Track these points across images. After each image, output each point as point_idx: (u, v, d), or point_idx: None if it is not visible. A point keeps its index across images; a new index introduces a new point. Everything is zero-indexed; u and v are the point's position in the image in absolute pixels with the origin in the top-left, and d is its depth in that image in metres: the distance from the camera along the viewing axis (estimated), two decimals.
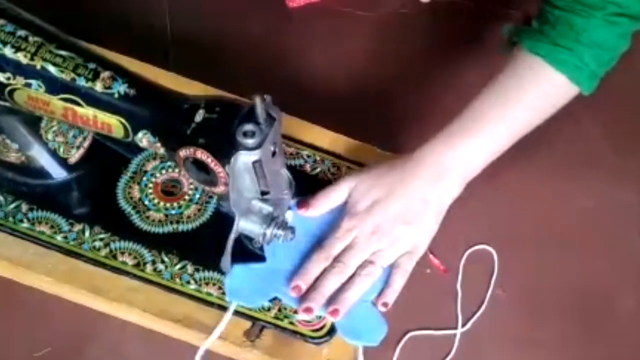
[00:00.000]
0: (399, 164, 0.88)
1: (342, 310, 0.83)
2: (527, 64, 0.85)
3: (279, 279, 0.86)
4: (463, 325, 0.92)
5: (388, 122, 1.06)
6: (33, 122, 0.88)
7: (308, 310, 0.82)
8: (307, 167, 0.97)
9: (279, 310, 0.86)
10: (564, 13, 0.83)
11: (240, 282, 0.85)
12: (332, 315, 0.82)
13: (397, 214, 0.86)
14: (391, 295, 0.85)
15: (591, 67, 0.83)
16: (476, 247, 0.97)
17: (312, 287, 0.84)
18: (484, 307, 0.93)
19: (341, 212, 0.88)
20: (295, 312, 0.86)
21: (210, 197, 0.93)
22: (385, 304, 0.84)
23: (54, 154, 0.91)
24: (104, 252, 0.89)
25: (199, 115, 0.77)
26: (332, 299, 0.84)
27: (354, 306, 0.84)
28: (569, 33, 0.82)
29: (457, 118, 0.87)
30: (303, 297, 0.83)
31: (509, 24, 0.91)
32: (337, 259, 0.85)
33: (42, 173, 0.92)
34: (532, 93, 0.85)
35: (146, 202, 0.92)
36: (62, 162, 0.92)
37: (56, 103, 0.78)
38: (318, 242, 0.87)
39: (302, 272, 0.85)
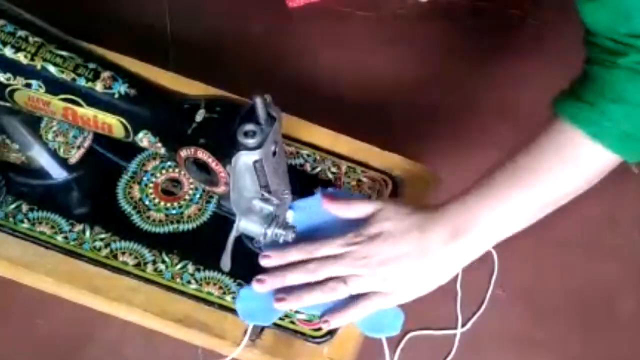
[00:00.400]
0: (426, 210, 0.83)
1: (288, 303, 0.82)
2: (562, 134, 0.76)
3: None
4: (463, 325, 0.92)
5: (388, 121, 1.06)
6: (33, 123, 0.88)
7: (260, 281, 0.82)
8: (307, 167, 0.97)
9: None
10: (590, 65, 0.74)
11: (250, 303, 0.84)
12: (277, 302, 0.82)
13: (399, 256, 0.81)
14: (337, 320, 0.82)
15: (621, 126, 0.72)
16: None
17: (279, 269, 0.83)
18: (484, 307, 0.93)
19: (345, 225, 0.86)
20: (297, 311, 0.86)
21: (211, 196, 0.93)
22: (325, 322, 0.82)
23: (54, 154, 0.91)
24: (104, 252, 0.89)
25: (200, 115, 0.77)
26: (288, 290, 0.82)
27: None
28: (591, 87, 0.73)
29: (480, 183, 0.80)
30: (267, 270, 0.83)
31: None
32: (317, 259, 0.83)
33: (42, 173, 0.92)
34: (563, 166, 0.76)
35: (146, 202, 0.92)
36: (63, 162, 0.92)
37: (56, 103, 0.78)
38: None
39: (280, 252, 0.83)
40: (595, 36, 0.74)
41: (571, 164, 0.76)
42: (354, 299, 0.82)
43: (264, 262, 0.84)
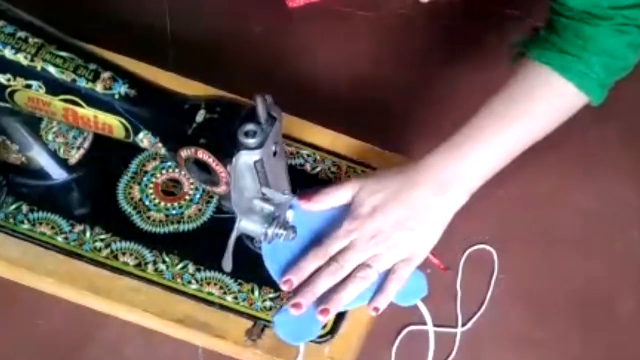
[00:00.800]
0: (405, 171, 0.87)
1: (332, 310, 0.82)
2: (535, 73, 0.84)
3: None
4: (463, 325, 0.92)
5: (388, 121, 1.06)
6: (33, 123, 0.88)
7: (297, 305, 0.82)
8: (308, 167, 0.97)
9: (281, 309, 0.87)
10: (572, 22, 0.82)
11: (289, 326, 0.84)
12: (321, 315, 0.82)
13: (398, 220, 0.85)
14: (383, 301, 0.84)
15: (600, 76, 0.82)
16: (476, 247, 0.97)
17: (305, 284, 0.84)
18: (484, 307, 0.93)
19: (344, 214, 0.88)
20: None
21: (211, 196, 0.93)
22: (376, 309, 0.84)
23: (54, 154, 0.91)
24: (104, 252, 0.89)
25: (200, 116, 0.77)
26: (323, 298, 0.83)
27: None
28: (576, 41, 0.82)
29: (464, 127, 0.86)
30: (294, 292, 0.83)
31: (519, 37, 0.90)
32: (333, 259, 0.85)
33: (42, 174, 0.92)
34: (540, 103, 0.84)
35: (147, 203, 0.92)
36: (63, 163, 0.92)
37: (57, 104, 0.78)
38: (318, 242, 0.87)
39: (296, 268, 0.84)
40: (572, 10, 0.82)
41: (549, 105, 0.85)
42: (384, 275, 0.85)
43: (286, 288, 0.84)
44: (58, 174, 0.92)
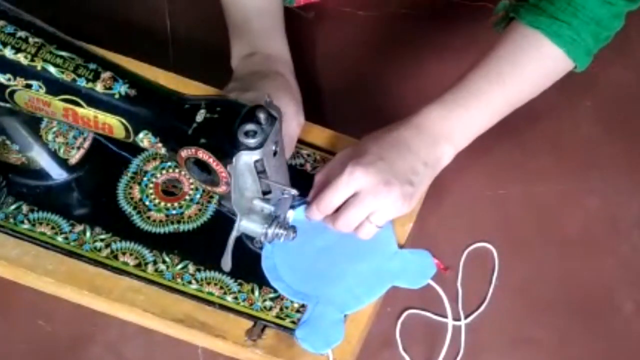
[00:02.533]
0: (398, 127, 0.88)
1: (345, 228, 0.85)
2: (525, 38, 0.87)
3: (319, 288, 0.87)
4: (465, 322, 0.92)
5: (388, 121, 1.05)
6: (33, 123, 0.88)
7: (311, 213, 0.86)
8: (308, 167, 0.97)
9: (281, 309, 0.87)
10: None
11: (312, 336, 0.84)
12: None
13: (402, 172, 0.85)
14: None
15: (588, 43, 0.86)
16: (477, 246, 0.97)
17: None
18: (483, 306, 0.93)
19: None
20: (298, 311, 0.86)
21: (211, 196, 0.93)
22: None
23: (54, 155, 0.91)
24: (105, 252, 0.89)
25: (200, 115, 0.77)
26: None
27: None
28: (567, 8, 0.84)
29: (455, 87, 0.88)
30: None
31: (505, 0, 0.91)
32: (336, 219, 0.85)
33: (42, 174, 0.92)
34: (529, 65, 0.87)
35: (147, 203, 0.92)
36: (63, 163, 0.92)
37: (57, 104, 0.78)
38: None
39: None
40: None
41: (538, 68, 0.88)
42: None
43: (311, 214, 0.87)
44: (58, 174, 0.92)
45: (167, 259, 0.89)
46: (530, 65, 0.87)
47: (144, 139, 0.80)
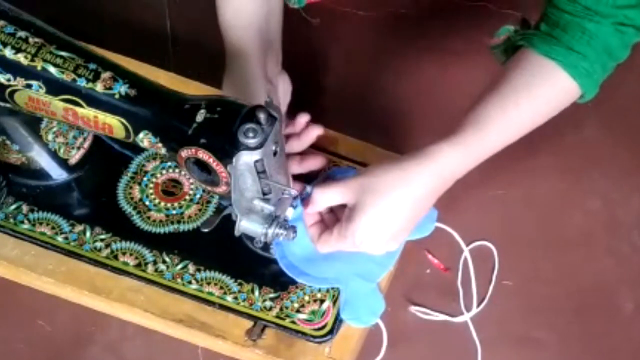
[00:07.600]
0: (416, 172, 0.82)
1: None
2: (538, 68, 0.84)
3: (343, 269, 0.87)
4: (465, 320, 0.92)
5: (388, 121, 1.06)
6: (33, 123, 0.88)
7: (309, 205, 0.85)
8: None
9: (281, 309, 0.87)
10: (575, 18, 0.82)
11: (357, 313, 0.86)
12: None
13: (406, 227, 0.83)
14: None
15: (598, 74, 0.83)
16: (477, 246, 0.97)
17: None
18: (483, 305, 0.93)
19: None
20: (298, 310, 0.86)
21: (211, 196, 0.93)
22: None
23: (54, 155, 0.91)
24: (105, 252, 0.89)
25: (200, 115, 0.77)
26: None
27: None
28: (581, 37, 0.82)
29: (467, 122, 0.83)
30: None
31: (508, 25, 0.90)
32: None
33: (42, 174, 0.92)
34: (543, 97, 0.84)
35: (147, 203, 0.92)
36: (63, 163, 0.92)
37: (57, 104, 0.78)
38: None
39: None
40: (574, 6, 0.82)
41: (551, 99, 0.85)
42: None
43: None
44: (58, 174, 0.92)
45: (167, 259, 0.89)
46: (542, 97, 0.84)
47: (144, 139, 0.80)
